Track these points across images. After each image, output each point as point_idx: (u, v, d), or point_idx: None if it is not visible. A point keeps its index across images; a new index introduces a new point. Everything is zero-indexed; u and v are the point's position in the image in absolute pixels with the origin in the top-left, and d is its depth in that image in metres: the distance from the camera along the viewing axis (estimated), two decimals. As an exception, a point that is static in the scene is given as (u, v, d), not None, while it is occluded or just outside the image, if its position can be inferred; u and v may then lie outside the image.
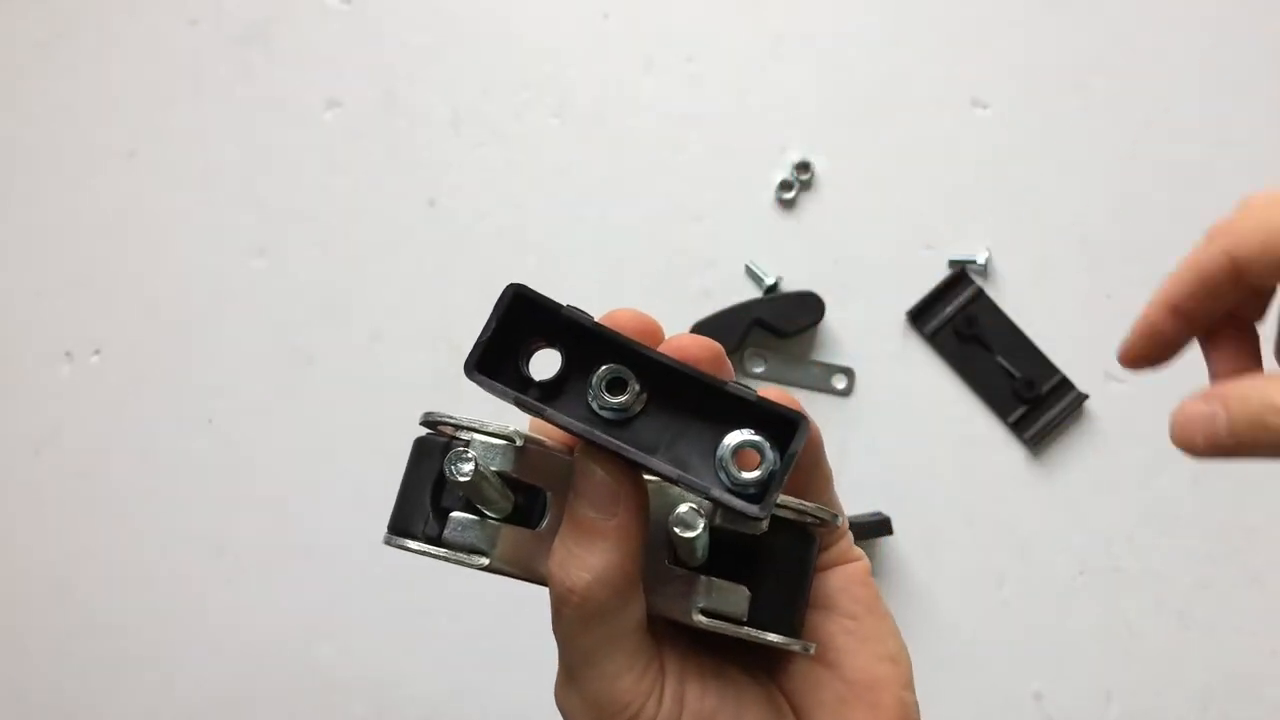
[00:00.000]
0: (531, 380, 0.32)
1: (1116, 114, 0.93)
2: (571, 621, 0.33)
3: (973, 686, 0.89)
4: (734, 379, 0.33)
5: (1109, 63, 0.94)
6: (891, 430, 0.90)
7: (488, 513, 0.35)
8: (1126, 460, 0.91)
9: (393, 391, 0.93)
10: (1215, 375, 0.43)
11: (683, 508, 0.32)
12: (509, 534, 0.34)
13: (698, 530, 0.32)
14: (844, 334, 0.92)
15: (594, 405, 0.32)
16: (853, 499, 0.85)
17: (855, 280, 0.92)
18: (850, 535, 0.40)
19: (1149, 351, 0.43)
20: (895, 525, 0.87)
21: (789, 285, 0.92)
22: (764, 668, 0.38)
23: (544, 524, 0.35)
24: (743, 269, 0.93)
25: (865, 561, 0.40)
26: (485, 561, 0.34)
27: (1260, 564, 0.89)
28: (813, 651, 0.36)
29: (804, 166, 0.93)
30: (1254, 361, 0.42)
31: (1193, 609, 0.89)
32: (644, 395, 0.32)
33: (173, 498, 0.93)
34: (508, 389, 0.31)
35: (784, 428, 0.31)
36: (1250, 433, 0.36)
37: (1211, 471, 0.90)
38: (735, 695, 0.36)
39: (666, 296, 0.92)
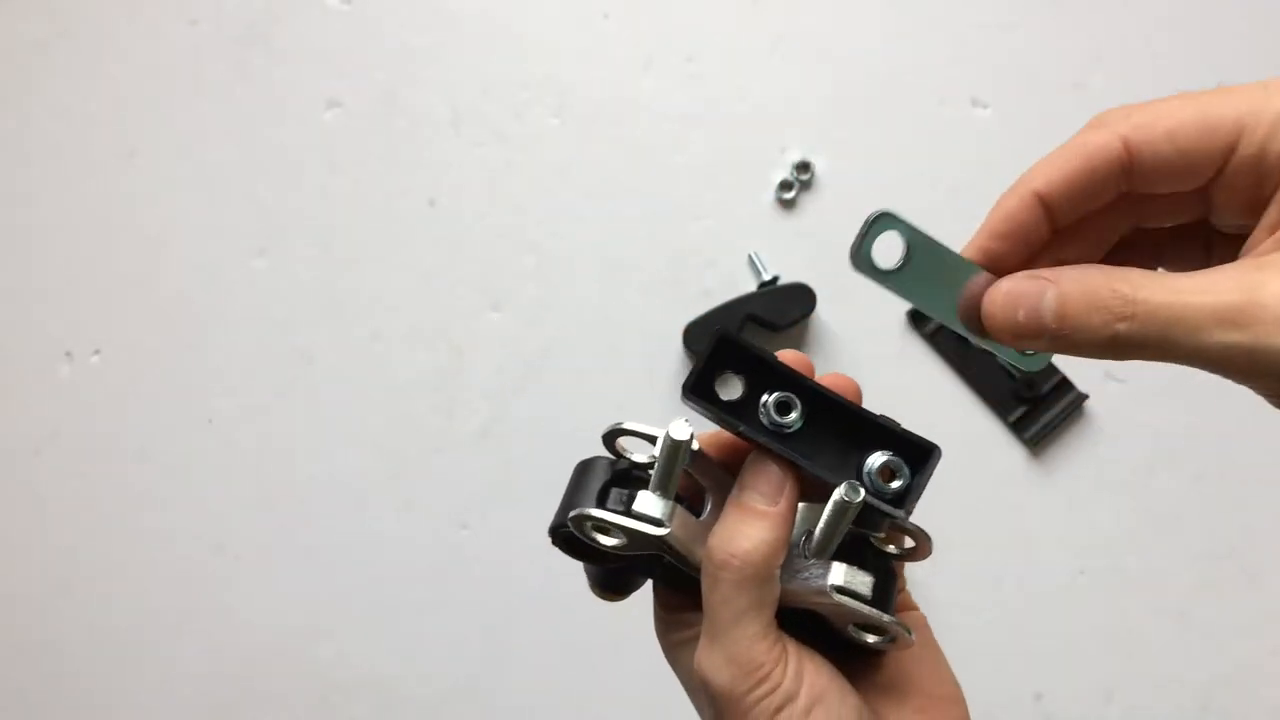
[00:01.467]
0: (720, 400, 0.40)
1: (1116, 114, 0.93)
2: (729, 585, 0.38)
3: (973, 686, 0.89)
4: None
5: (1109, 63, 0.94)
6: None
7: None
8: (1126, 460, 0.91)
9: (393, 391, 0.93)
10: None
11: (841, 487, 0.39)
12: (682, 515, 0.41)
13: (859, 497, 0.39)
14: (844, 334, 0.92)
15: (764, 421, 0.40)
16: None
17: (855, 280, 0.92)
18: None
19: (995, 248, 0.37)
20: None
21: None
22: (850, 672, 0.41)
23: (704, 516, 0.42)
24: (742, 268, 0.93)
25: (923, 614, 0.45)
26: (665, 531, 0.40)
27: (1260, 564, 0.89)
28: (913, 639, 0.41)
29: (804, 166, 0.93)
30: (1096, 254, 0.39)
31: (1193, 609, 0.89)
32: (802, 417, 0.40)
33: (173, 498, 0.93)
34: (714, 409, 0.40)
35: (916, 451, 0.41)
36: (1081, 318, 0.33)
37: (1211, 471, 0.90)
38: (839, 682, 0.40)
39: (666, 296, 0.92)
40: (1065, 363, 0.91)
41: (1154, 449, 0.90)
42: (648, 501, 0.42)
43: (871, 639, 0.41)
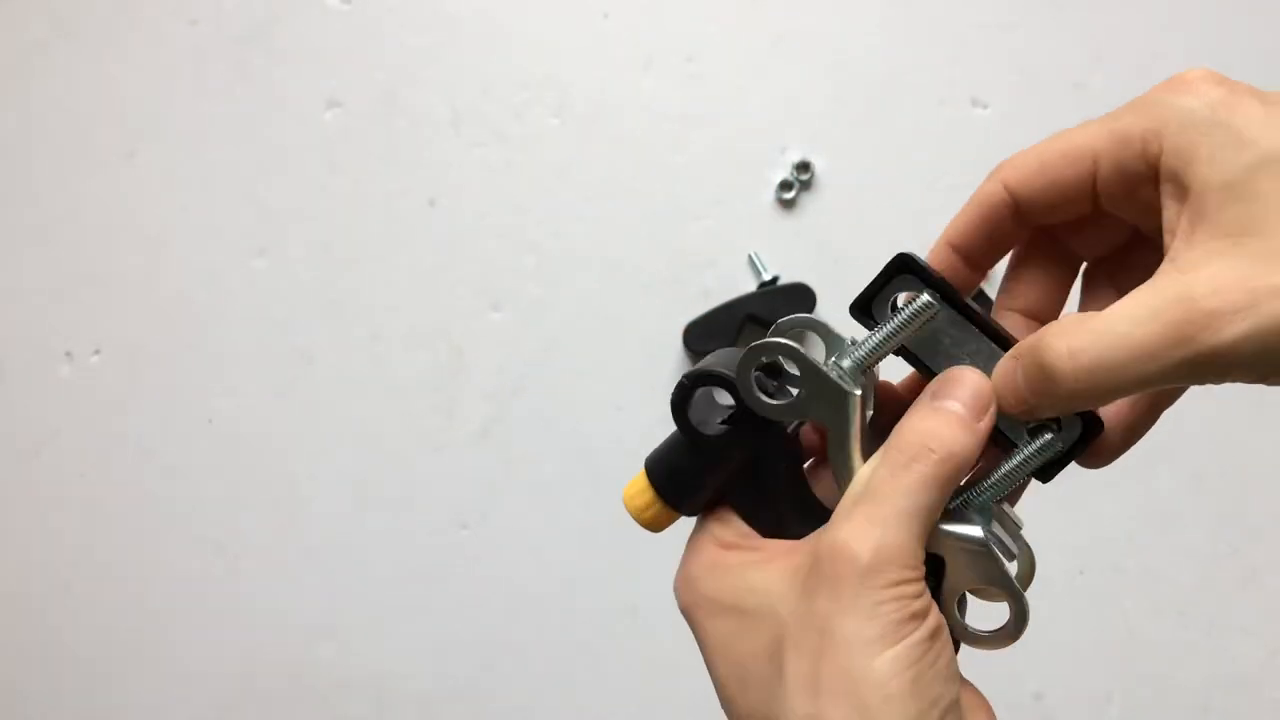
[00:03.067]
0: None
1: (1116, 114, 0.93)
2: (918, 476, 0.36)
3: (973, 686, 0.89)
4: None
5: (1109, 63, 0.94)
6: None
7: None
8: (1126, 460, 0.90)
9: (393, 391, 0.93)
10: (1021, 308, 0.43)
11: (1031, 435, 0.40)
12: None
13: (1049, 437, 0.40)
14: (844, 334, 0.92)
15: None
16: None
17: (855, 280, 0.92)
18: None
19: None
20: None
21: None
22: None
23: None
24: (742, 268, 0.93)
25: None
26: (857, 391, 0.40)
27: (1260, 564, 0.89)
28: (1026, 626, 0.40)
29: (804, 166, 0.93)
30: (1057, 294, 0.42)
31: (1193, 609, 0.89)
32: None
33: (173, 498, 0.93)
34: (929, 288, 0.42)
35: (1081, 422, 0.41)
36: (1041, 389, 0.35)
37: (1212, 471, 0.90)
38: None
39: (666, 296, 0.92)
40: (1065, 363, 0.91)
41: (1154, 449, 0.90)
42: (849, 358, 0.42)
43: (976, 632, 0.41)
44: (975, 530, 0.39)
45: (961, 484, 0.39)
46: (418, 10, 0.96)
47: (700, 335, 0.89)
